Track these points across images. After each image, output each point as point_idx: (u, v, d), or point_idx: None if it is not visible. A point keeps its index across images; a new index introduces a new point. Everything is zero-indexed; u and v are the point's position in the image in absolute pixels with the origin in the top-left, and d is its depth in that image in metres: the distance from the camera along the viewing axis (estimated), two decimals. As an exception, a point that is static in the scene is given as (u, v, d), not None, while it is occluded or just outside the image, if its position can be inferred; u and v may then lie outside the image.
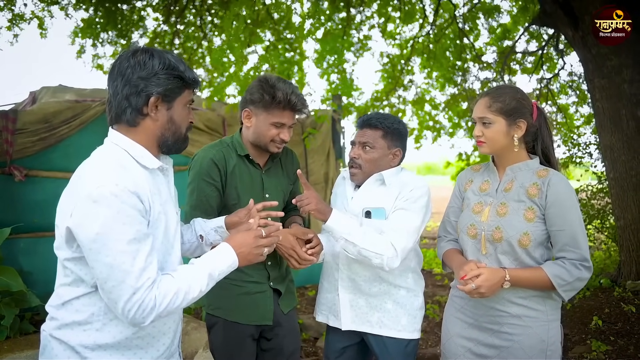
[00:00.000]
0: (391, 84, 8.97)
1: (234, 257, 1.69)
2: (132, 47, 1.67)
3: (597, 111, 5.46)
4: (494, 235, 2.06)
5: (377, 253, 2.20)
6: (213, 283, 1.65)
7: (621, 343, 4.14)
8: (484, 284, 1.93)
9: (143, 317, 1.48)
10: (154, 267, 1.51)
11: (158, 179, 1.70)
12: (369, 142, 2.43)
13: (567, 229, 1.99)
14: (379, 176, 2.44)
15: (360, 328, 2.45)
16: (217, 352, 2.41)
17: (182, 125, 1.71)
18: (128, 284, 1.45)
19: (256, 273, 2.40)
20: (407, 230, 2.29)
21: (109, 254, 1.44)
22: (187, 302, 1.58)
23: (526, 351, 2.03)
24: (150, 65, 1.60)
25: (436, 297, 6.36)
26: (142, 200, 1.52)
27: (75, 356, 1.60)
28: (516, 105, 2.08)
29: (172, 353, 1.80)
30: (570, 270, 1.95)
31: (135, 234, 1.47)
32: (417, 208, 2.34)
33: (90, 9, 7.62)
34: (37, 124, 4.47)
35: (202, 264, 1.63)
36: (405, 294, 2.45)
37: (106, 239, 1.44)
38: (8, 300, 3.43)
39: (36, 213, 4.63)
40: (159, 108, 1.64)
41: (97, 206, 1.44)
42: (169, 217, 1.70)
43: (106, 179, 1.49)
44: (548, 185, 2.02)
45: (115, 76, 1.62)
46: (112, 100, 1.65)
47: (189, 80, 1.67)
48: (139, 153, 1.64)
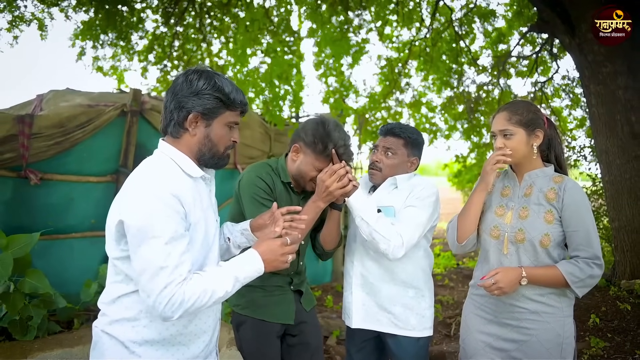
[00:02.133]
0: (389, 87, 9.11)
1: (260, 264, 1.79)
2: (193, 67, 1.82)
3: (593, 116, 5.63)
4: (516, 237, 2.23)
5: (386, 238, 2.36)
6: (239, 286, 1.76)
7: (618, 340, 4.30)
8: (502, 279, 2.12)
9: (172, 311, 1.59)
10: (186, 265, 1.63)
11: (200, 187, 1.83)
12: (392, 148, 2.63)
13: (581, 229, 2.16)
14: (392, 180, 2.63)
15: (370, 326, 2.62)
16: (246, 349, 2.51)
17: (219, 144, 1.82)
18: (161, 278, 1.58)
19: (280, 279, 2.54)
20: (414, 223, 2.46)
21: (147, 248, 1.58)
22: (213, 302, 1.69)
23: (544, 344, 2.18)
24: (196, 84, 1.75)
25: (438, 297, 6.50)
26: (183, 204, 1.66)
27: (124, 351, 1.72)
28: (533, 116, 2.27)
29: (211, 351, 1.92)
30: (582, 268, 2.12)
31: (173, 233, 1.60)
32: (424, 205, 2.51)
33: (90, 10, 7.65)
34: (53, 129, 4.54)
35: (230, 268, 1.74)
36: (413, 295, 2.60)
37: (147, 232, 1.58)
38: (37, 302, 3.53)
39: (51, 216, 4.71)
40: (198, 124, 1.78)
41: (143, 203, 1.60)
42: (208, 223, 1.83)
43: (152, 182, 1.65)
44: (564, 190, 2.20)
45: (169, 91, 1.79)
46: (164, 112, 1.81)
47: (232, 102, 1.79)
48: (184, 162, 1.78)
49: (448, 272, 8.59)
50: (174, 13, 8.24)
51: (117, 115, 5.05)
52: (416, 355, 2.59)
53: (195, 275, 1.66)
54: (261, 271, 1.80)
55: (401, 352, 2.59)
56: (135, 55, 8.41)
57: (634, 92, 5.28)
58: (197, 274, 1.67)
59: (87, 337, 3.25)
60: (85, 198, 4.96)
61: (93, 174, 5.01)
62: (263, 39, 7.92)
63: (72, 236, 4.90)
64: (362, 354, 2.74)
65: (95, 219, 4.97)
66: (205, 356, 1.88)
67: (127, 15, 7.92)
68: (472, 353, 2.39)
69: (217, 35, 8.70)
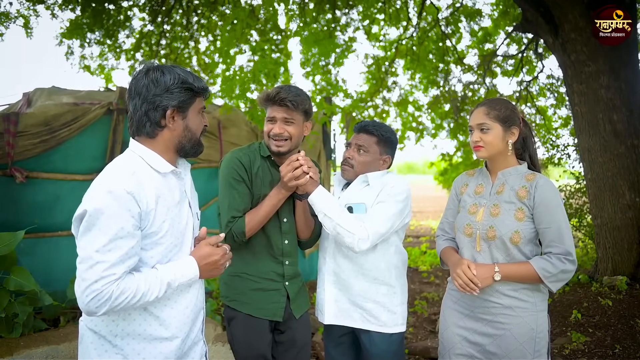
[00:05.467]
0: (375, 86, 9.15)
1: (196, 271, 1.85)
2: (145, 66, 1.85)
3: (576, 115, 5.70)
4: (488, 234, 2.28)
5: (350, 232, 2.42)
6: (170, 291, 1.79)
7: (599, 334, 4.37)
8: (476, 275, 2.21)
9: (96, 306, 1.61)
10: (124, 266, 1.65)
11: (171, 183, 1.86)
12: (364, 145, 2.69)
13: (553, 226, 2.21)
14: (364, 177, 2.68)
15: (343, 322, 2.67)
16: (238, 343, 2.53)
17: (197, 131, 1.91)
18: (95, 271, 1.60)
19: (272, 271, 2.57)
20: (381, 216, 2.53)
21: (90, 239, 1.62)
22: (141, 304, 1.71)
23: (517, 338, 2.24)
24: (162, 81, 1.79)
25: (423, 294, 6.55)
26: (139, 203, 1.69)
27: (107, 344, 1.77)
28: (510, 114, 2.33)
29: (196, 342, 1.96)
30: (554, 263, 2.17)
31: (118, 230, 1.63)
32: (394, 200, 2.58)
33: (76, 8, 7.62)
34: (38, 127, 4.54)
35: (164, 274, 1.76)
36: (385, 292, 2.64)
37: (94, 224, 1.62)
38: (22, 299, 3.54)
39: (37, 214, 4.71)
40: (175, 119, 1.83)
41: (96, 196, 1.64)
42: (179, 218, 1.86)
43: (109, 178, 1.69)
44: (535, 187, 2.25)
45: (134, 95, 1.81)
46: (133, 116, 1.84)
47: (199, 89, 1.86)
48: (153, 159, 1.82)
49: (434, 269, 8.65)
50: (161, 11, 8.21)
51: (104, 114, 5.06)
52: (388, 350, 2.63)
53: (129, 276, 1.67)
54: (196, 278, 1.86)
55: (374, 348, 2.63)
56: (123, 53, 8.37)
57: (616, 91, 5.34)
58: (131, 274, 1.69)
59: (73, 334, 3.27)
60: (71, 196, 4.94)
61: (79, 172, 5.01)
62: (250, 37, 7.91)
63: (58, 234, 4.91)
64: (340, 350, 2.78)
65: (82, 217, 4.93)
66: (190, 346, 1.92)
67: (113, 13, 7.89)
68: (449, 346, 2.44)
69: (205, 33, 8.68)
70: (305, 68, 8.30)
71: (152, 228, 1.74)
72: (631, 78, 5.45)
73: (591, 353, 4.09)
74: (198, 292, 1.97)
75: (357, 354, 2.81)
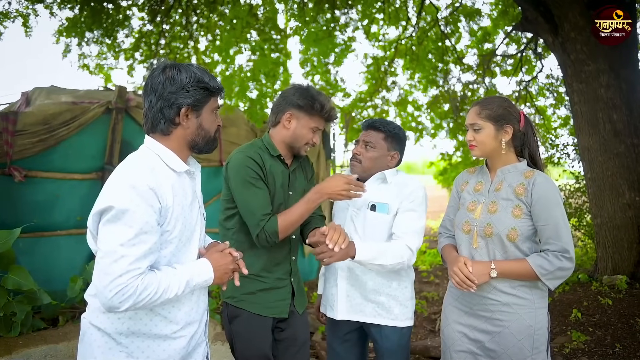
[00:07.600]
0: (375, 85, 9.14)
1: (211, 274, 1.85)
2: (160, 64, 1.85)
3: (576, 114, 5.70)
4: (485, 231, 2.28)
5: (400, 261, 2.51)
6: (188, 290, 1.79)
7: (599, 334, 4.37)
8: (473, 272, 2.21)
9: (120, 301, 1.60)
10: (148, 260, 1.65)
11: (185, 182, 1.87)
12: (372, 142, 2.72)
13: (551, 223, 2.20)
14: (380, 175, 2.72)
15: (355, 317, 2.68)
16: (239, 342, 2.51)
17: (210, 130, 1.91)
18: (120, 265, 1.59)
19: (281, 269, 2.57)
20: (418, 231, 2.63)
21: (116, 233, 1.61)
22: (162, 301, 1.70)
23: (515, 335, 2.24)
24: (178, 80, 1.79)
25: (423, 293, 6.55)
26: (160, 199, 1.69)
27: (111, 342, 1.76)
28: (503, 112, 2.32)
29: (200, 343, 1.96)
30: (551, 261, 2.17)
31: (143, 225, 1.63)
32: (422, 209, 2.67)
33: (75, 7, 7.60)
34: (37, 126, 4.53)
35: (184, 272, 1.77)
36: (397, 287, 2.68)
37: (120, 219, 1.61)
38: (20, 298, 3.53)
39: (35, 213, 4.71)
40: (189, 117, 1.83)
41: (120, 191, 1.63)
42: (189, 218, 1.86)
43: (131, 173, 1.69)
44: (533, 184, 2.25)
45: (149, 92, 1.81)
46: (148, 113, 1.83)
47: (214, 89, 1.86)
48: (169, 157, 1.82)
49: (434, 269, 8.65)
50: (160, 10, 8.21)
51: (102, 113, 5.05)
52: (399, 344, 2.67)
53: (151, 272, 1.67)
54: (210, 282, 1.86)
55: (385, 342, 2.65)
56: (122, 53, 8.36)
57: (616, 91, 5.34)
58: (152, 271, 1.69)
59: (72, 334, 3.26)
60: (70, 195, 4.96)
61: (78, 171, 5.00)
62: (250, 37, 7.91)
63: (57, 233, 4.89)
64: (346, 346, 2.78)
65: (81, 216, 4.97)
66: (194, 347, 1.91)
67: (112, 12, 7.88)
68: (450, 343, 2.45)
69: (204, 33, 8.68)
70: (305, 67, 8.32)
71: (168, 226, 1.74)
72: (631, 77, 5.46)
73: (591, 352, 4.09)
74: (202, 294, 1.97)
75: (362, 351, 2.83)
